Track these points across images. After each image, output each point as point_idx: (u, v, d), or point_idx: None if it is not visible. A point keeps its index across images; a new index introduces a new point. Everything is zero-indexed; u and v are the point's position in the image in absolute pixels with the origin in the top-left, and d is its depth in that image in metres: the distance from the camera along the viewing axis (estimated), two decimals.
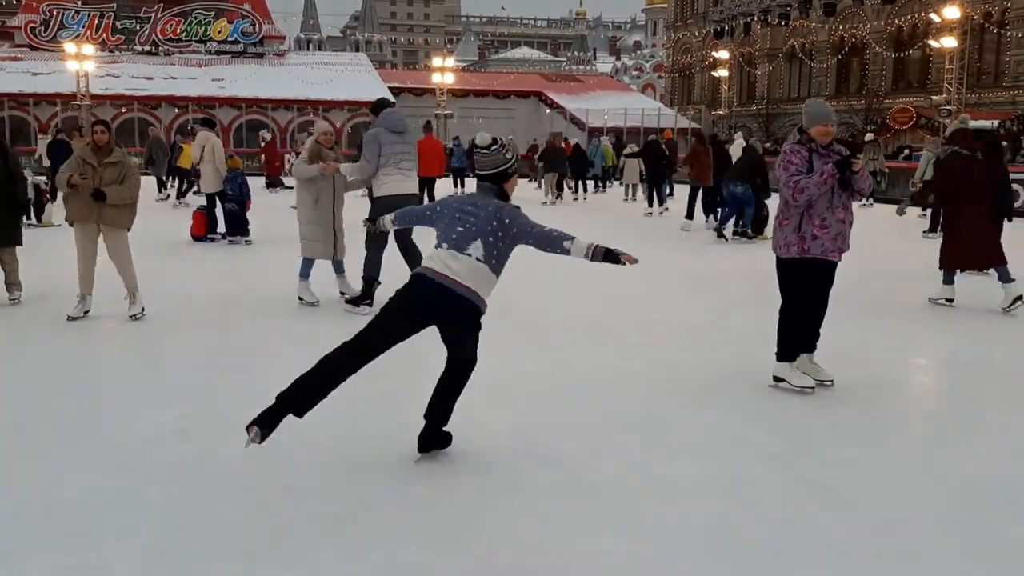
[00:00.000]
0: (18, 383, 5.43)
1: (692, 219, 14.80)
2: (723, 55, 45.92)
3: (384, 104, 7.90)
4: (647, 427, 4.68)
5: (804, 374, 5.31)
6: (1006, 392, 5.47)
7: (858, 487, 3.92)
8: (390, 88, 40.52)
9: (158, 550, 3.25)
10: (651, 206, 17.62)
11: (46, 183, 15.21)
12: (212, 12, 45.43)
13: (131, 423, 4.65)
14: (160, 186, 19.85)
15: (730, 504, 3.70)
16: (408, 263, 7.90)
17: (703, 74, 54.00)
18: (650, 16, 79.50)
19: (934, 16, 32.56)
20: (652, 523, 3.53)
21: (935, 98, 32.07)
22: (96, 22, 44.19)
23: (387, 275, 7.31)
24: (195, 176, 15.90)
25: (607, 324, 7.24)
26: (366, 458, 4.17)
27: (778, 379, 5.33)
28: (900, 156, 28.76)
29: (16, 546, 3.27)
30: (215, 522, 3.48)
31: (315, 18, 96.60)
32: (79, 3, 44.40)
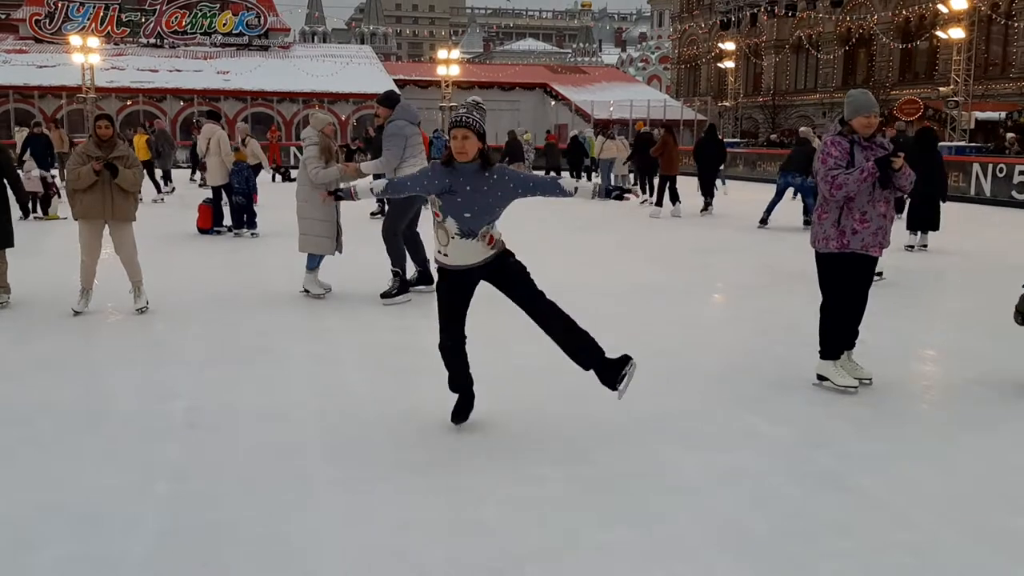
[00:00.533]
0: (26, 377, 5.43)
1: (661, 206, 15.83)
2: (729, 46, 45.70)
3: (396, 97, 7.97)
4: (658, 420, 4.66)
5: (846, 373, 5.18)
6: (1019, 383, 5.43)
7: (872, 479, 3.90)
8: (395, 80, 40.51)
9: (165, 543, 3.26)
10: (645, 193, 17.67)
11: (52, 177, 15.24)
12: (217, 4, 45.39)
13: (139, 416, 4.65)
14: (162, 182, 19.33)
15: (743, 496, 3.69)
16: (411, 255, 7.91)
17: (709, 66, 53.77)
18: (656, 7, 79.03)
19: (941, 7, 32.35)
20: (665, 515, 3.52)
21: (942, 89, 31.88)
22: (101, 14, 44.16)
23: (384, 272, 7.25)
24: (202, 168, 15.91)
25: (614, 316, 7.22)
26: (373, 448, 4.17)
27: (822, 378, 5.20)
28: None
29: (25, 538, 3.27)
30: (222, 515, 3.48)
31: (320, 10, 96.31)
32: None
